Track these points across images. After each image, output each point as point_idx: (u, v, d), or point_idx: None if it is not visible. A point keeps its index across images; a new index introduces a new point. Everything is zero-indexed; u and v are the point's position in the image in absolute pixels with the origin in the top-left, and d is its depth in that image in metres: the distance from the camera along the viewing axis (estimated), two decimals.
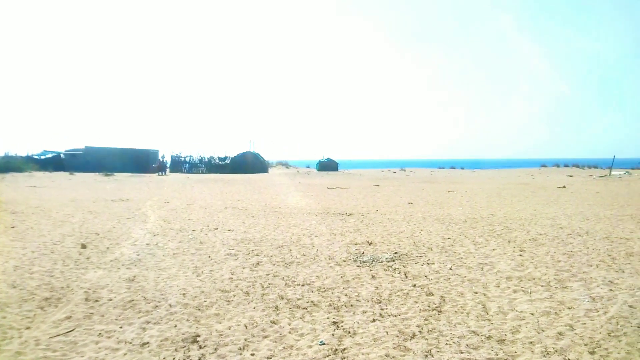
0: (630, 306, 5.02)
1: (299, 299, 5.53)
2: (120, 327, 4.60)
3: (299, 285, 6.15)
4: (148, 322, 4.74)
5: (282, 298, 5.57)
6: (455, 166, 57.56)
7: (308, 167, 55.07)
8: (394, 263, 7.39)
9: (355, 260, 7.59)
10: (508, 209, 14.96)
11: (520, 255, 7.86)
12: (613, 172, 35.19)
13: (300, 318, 4.90)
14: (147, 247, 8.58)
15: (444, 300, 5.43)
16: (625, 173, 34.74)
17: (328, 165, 50.13)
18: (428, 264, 7.33)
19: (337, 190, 23.90)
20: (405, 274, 6.67)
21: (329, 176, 37.99)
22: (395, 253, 8.13)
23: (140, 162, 41.90)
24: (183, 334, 4.44)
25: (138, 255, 7.87)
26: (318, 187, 25.64)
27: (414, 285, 6.08)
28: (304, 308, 5.22)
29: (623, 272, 6.59)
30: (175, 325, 4.65)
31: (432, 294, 5.68)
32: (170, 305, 5.26)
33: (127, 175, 34.72)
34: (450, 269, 6.98)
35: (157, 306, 5.25)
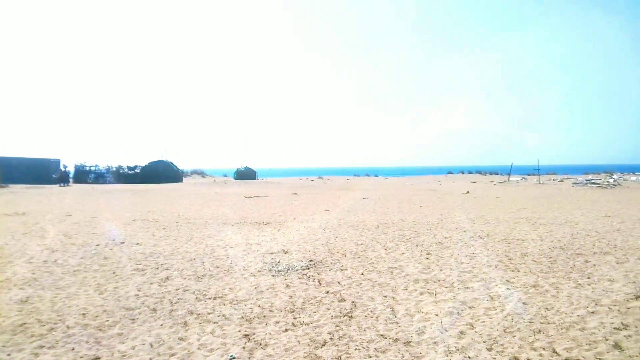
0: (524, 303, 5.42)
1: (209, 313, 5.33)
2: (8, 355, 4.13)
3: (210, 298, 5.94)
4: (42, 347, 4.32)
5: (192, 313, 5.34)
6: (370, 174, 59.41)
7: (225, 175, 54.00)
8: (309, 271, 7.40)
9: (270, 270, 7.49)
10: (417, 214, 15.65)
11: (427, 258, 8.22)
12: (511, 178, 38.21)
13: (211, 333, 4.72)
14: (44, 264, 7.86)
15: (355, 306, 5.50)
16: (521, 179, 37.89)
17: (246, 174, 49.50)
18: (342, 270, 7.42)
19: (254, 199, 23.64)
20: (319, 282, 6.70)
21: (247, 185, 37.54)
22: (311, 261, 8.15)
23: (39, 172, 38.64)
24: (81, 357, 4.09)
25: (33, 274, 7.18)
26: (235, 196, 25.20)
27: (327, 292, 6.12)
28: (214, 322, 5.04)
29: (518, 271, 7.11)
30: (73, 349, 4.28)
31: (344, 300, 5.75)
32: (68, 327, 4.84)
33: (24, 187, 31.83)
34: (362, 274, 7.11)
35: (52, 329, 4.80)
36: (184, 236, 11.06)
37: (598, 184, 29.29)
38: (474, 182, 36.99)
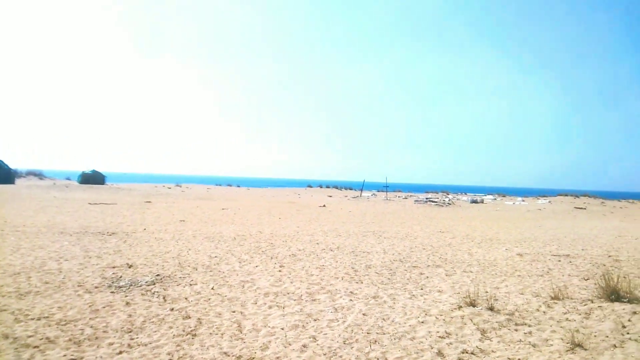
0: (364, 314, 5.74)
1: (30, 336, 4.68)
2: None
3: (33, 319, 5.23)
4: None
5: (7, 337, 4.64)
6: (233, 184, 58.70)
7: (68, 179, 48.58)
8: (155, 286, 6.96)
9: (110, 286, 6.89)
10: (275, 226, 15.83)
11: (280, 270, 8.32)
12: (363, 194, 40.83)
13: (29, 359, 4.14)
14: None
15: (201, 323, 5.30)
16: (372, 195, 40.72)
17: (92, 178, 45.12)
18: (191, 284, 7.13)
19: (101, 206, 21.70)
20: (164, 298, 6.34)
21: (93, 190, 34.29)
22: (158, 275, 7.69)
23: None
24: None
25: None
26: (77, 203, 22.84)
27: (172, 309, 5.81)
28: (35, 347, 4.44)
29: (362, 282, 7.55)
30: None
31: (190, 317, 5.51)
32: None
33: None
34: (212, 288, 6.92)
35: None
36: (9, 247, 9.68)
37: (436, 202, 32.78)
38: (330, 196, 38.72)
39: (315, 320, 5.49)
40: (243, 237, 12.68)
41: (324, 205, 27.62)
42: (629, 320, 5.20)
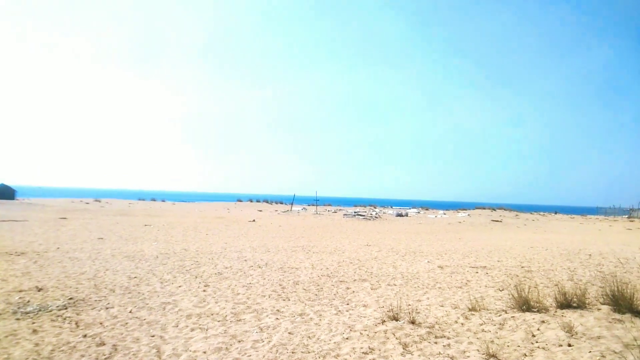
0: (290, 333, 5.69)
1: None
2: None
3: None
4: None
5: None
6: (158, 198, 56.48)
7: None
8: (66, 311, 6.49)
9: (15, 312, 6.33)
10: (202, 243, 15.39)
11: (204, 290, 8.06)
12: (294, 208, 40.89)
13: None
14: None
15: (116, 349, 4.99)
16: (302, 209, 40.87)
17: (0, 192, 41.69)
18: (107, 308, 6.72)
19: (9, 223, 20.03)
20: (76, 323, 5.91)
21: (1, 206, 31.61)
22: (70, 299, 7.18)
23: None
24: None
25: None
26: None
27: (85, 336, 5.43)
28: None
29: (289, 300, 7.49)
30: None
31: (104, 344, 5.17)
32: None
33: None
34: (130, 311, 6.55)
35: None
36: None
37: (363, 215, 33.51)
38: (261, 211, 38.41)
39: (239, 341, 5.35)
40: (166, 255, 12.19)
41: (254, 220, 27.32)
42: (538, 329, 5.55)
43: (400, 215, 36.79)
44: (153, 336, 5.51)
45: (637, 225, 33.17)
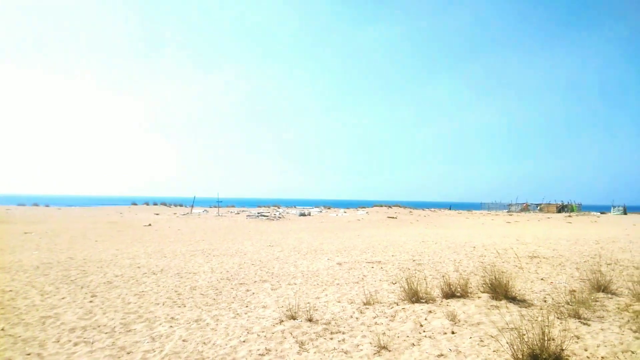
0: (184, 340, 5.48)
1: None
2: None
3: None
4: None
5: None
6: (39, 203, 51.43)
7: None
8: None
9: None
10: (91, 250, 14.30)
11: (91, 301, 7.50)
12: (194, 210, 39.62)
13: None
14: None
15: None
16: (204, 211, 39.73)
17: None
18: None
19: None
20: None
21: None
22: None
23: None
24: None
25: None
26: None
27: None
28: None
29: (185, 306, 7.22)
30: None
31: None
32: None
33: None
34: (2, 329, 5.89)
35: None
36: None
37: (267, 216, 33.43)
38: (158, 214, 36.60)
39: (128, 353, 5.04)
40: (49, 265, 11.14)
41: (150, 224, 25.99)
42: (426, 319, 5.91)
43: (303, 214, 37.26)
44: (29, 354, 5.00)
45: (515, 219, 36.84)
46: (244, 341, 5.39)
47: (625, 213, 45.88)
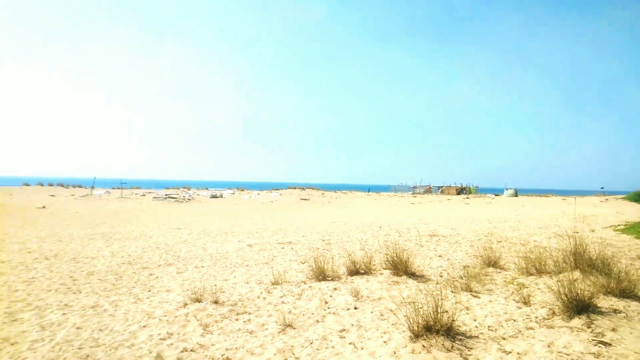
0: (78, 328, 5.13)
1: None
2: None
3: None
4: None
5: None
6: None
7: None
8: None
9: None
10: None
11: None
12: (95, 192, 37.13)
13: None
14: None
15: None
16: (105, 192, 37.37)
17: None
18: None
19: None
20: None
21: None
22: None
23: None
24: None
25: None
26: None
27: None
28: None
29: (80, 292, 6.76)
30: None
31: None
32: None
33: None
34: None
35: None
36: None
37: (175, 198, 32.24)
38: (54, 196, 33.76)
39: (12, 344, 4.61)
40: None
41: (44, 207, 23.94)
42: (331, 296, 6.05)
43: (215, 196, 36.47)
44: None
45: (419, 200, 38.93)
46: (144, 326, 5.16)
47: (516, 195, 50.25)
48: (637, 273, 5.88)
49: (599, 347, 3.79)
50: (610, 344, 3.82)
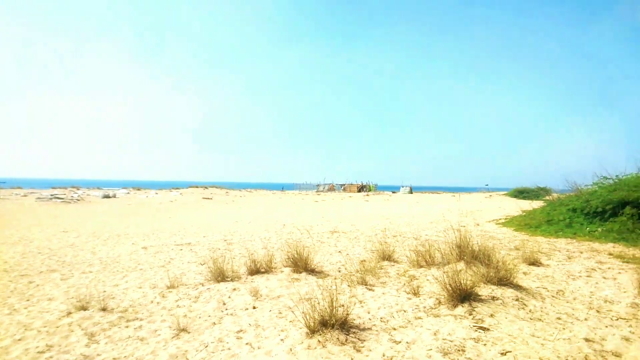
0: None
1: None
2: None
3: None
4: None
5: None
6: None
7: None
8: None
9: None
10: None
11: None
12: None
13: None
14: None
15: None
16: None
17: None
18: None
19: None
20: None
21: None
22: None
23: None
24: None
25: None
26: None
27: None
28: None
29: None
30: None
31: None
32: None
33: None
34: None
35: None
36: None
37: (62, 198, 29.70)
38: None
39: None
40: None
41: None
42: (229, 297, 5.94)
43: (107, 196, 34.21)
44: None
45: (323, 198, 39.74)
46: (19, 339, 4.66)
47: (411, 192, 53.36)
48: (512, 262, 6.51)
49: (479, 332, 4.12)
50: (488, 329, 4.17)
